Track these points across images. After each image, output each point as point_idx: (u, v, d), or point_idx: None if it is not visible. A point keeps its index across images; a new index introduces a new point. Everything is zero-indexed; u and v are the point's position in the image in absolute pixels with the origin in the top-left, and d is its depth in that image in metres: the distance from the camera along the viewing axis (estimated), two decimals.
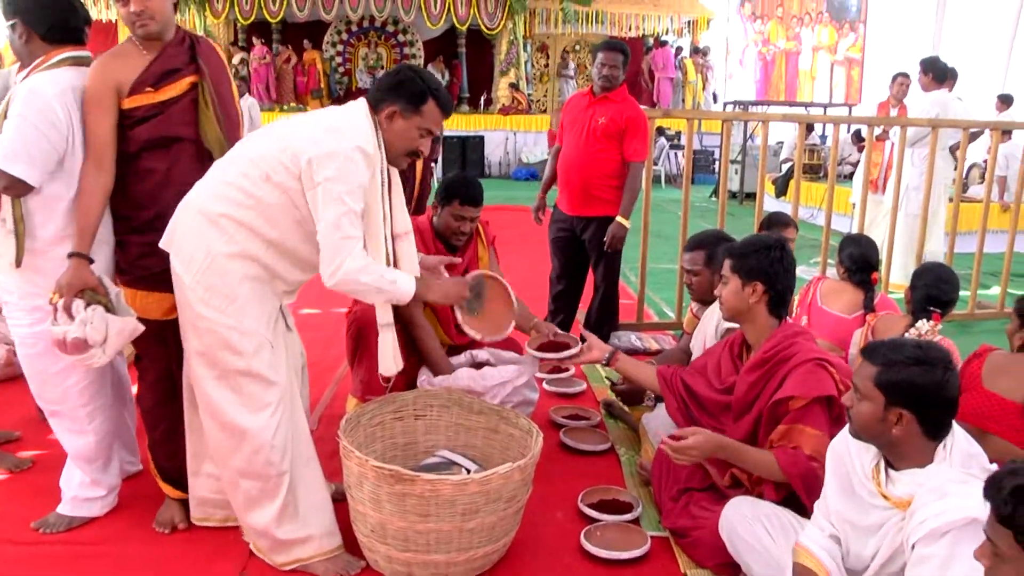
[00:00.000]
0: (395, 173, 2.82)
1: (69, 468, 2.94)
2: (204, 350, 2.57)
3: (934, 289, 3.28)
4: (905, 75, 8.01)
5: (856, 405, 2.11)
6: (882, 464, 2.14)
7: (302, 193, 2.50)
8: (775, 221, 4.52)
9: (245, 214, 2.52)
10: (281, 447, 2.62)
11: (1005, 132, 8.53)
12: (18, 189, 2.52)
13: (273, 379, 2.60)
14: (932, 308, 3.24)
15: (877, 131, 7.22)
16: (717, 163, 15.22)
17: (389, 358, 2.83)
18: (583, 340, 3.26)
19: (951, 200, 7.87)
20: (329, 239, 2.48)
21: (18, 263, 2.60)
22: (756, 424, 2.74)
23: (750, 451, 2.66)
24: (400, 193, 2.86)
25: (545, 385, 4.34)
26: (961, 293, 3.56)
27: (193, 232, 2.53)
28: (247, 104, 10.91)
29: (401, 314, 3.33)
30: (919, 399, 2.01)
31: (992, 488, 1.58)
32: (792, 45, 20.28)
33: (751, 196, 12.70)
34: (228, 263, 2.51)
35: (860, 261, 3.83)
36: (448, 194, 3.60)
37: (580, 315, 5.16)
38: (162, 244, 2.59)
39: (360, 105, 2.65)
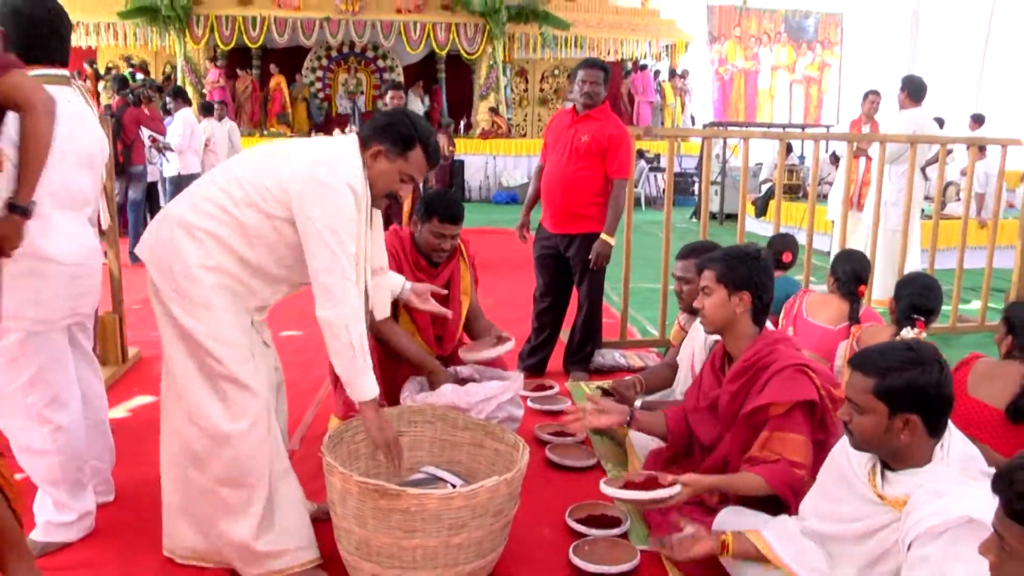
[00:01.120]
0: (376, 212, 2.82)
1: (41, 492, 2.86)
2: (188, 356, 2.55)
3: (918, 297, 3.31)
4: (875, 92, 8.14)
5: (856, 419, 2.08)
6: (878, 466, 2.13)
7: (286, 221, 2.51)
8: (779, 242, 4.58)
9: (222, 230, 2.52)
10: (262, 458, 2.59)
11: (981, 149, 8.63)
12: None
13: (256, 388, 2.58)
14: (916, 316, 3.26)
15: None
16: (696, 185, 15.32)
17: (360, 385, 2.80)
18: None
19: (926, 217, 7.97)
20: (328, 275, 2.49)
21: None
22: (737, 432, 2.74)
23: (735, 479, 2.65)
24: (380, 230, 2.88)
25: (530, 403, 4.30)
26: (943, 307, 3.58)
27: (169, 241, 2.53)
28: (227, 128, 10.91)
29: (379, 331, 3.31)
30: (923, 400, 2.00)
31: (1003, 481, 1.55)
32: (750, 65, 20.38)
33: (731, 217, 12.76)
34: (202, 274, 2.51)
35: (851, 274, 3.88)
36: (428, 211, 3.58)
37: (564, 334, 5.13)
38: (138, 252, 2.60)
39: (351, 140, 2.66)
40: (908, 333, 3.19)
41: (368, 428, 2.71)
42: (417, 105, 16.79)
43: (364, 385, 2.61)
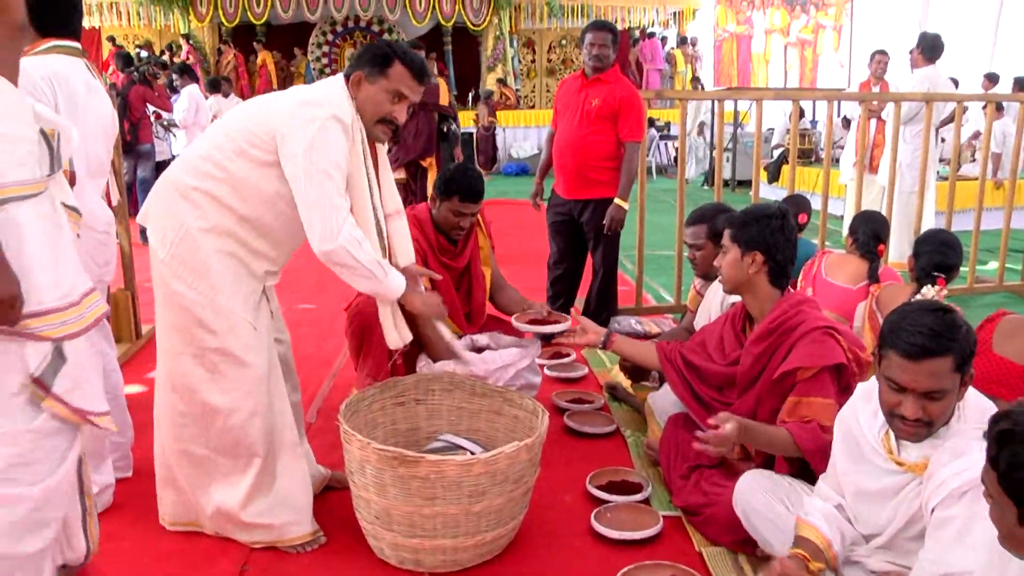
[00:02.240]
0: (382, 151, 2.78)
1: None
2: (179, 326, 2.53)
3: (938, 255, 3.26)
4: (883, 52, 8.04)
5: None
6: (891, 432, 2.08)
7: (276, 166, 2.48)
8: (792, 203, 4.49)
9: (217, 188, 2.49)
10: (257, 431, 2.58)
11: (998, 108, 8.52)
12: None
13: (248, 360, 2.55)
14: (936, 273, 3.21)
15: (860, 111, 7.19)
16: (708, 152, 15.20)
17: (392, 331, 2.79)
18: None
19: (941, 179, 7.87)
20: (317, 208, 2.44)
21: None
22: (765, 395, 2.68)
23: (767, 429, 2.56)
24: (388, 171, 2.83)
25: (547, 370, 4.27)
26: (961, 268, 3.53)
27: (166, 206, 2.52)
28: (233, 104, 10.85)
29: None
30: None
31: (988, 430, 1.55)
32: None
33: (743, 184, 12.65)
34: (201, 237, 2.48)
35: (871, 234, 3.83)
36: (448, 189, 3.51)
37: (579, 301, 5.09)
38: (139, 219, 2.60)
39: (336, 79, 2.64)
40: (929, 291, 3.13)
41: (414, 308, 2.76)
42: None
43: (390, 288, 2.63)
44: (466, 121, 15.15)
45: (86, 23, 15.41)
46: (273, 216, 2.55)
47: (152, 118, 8.98)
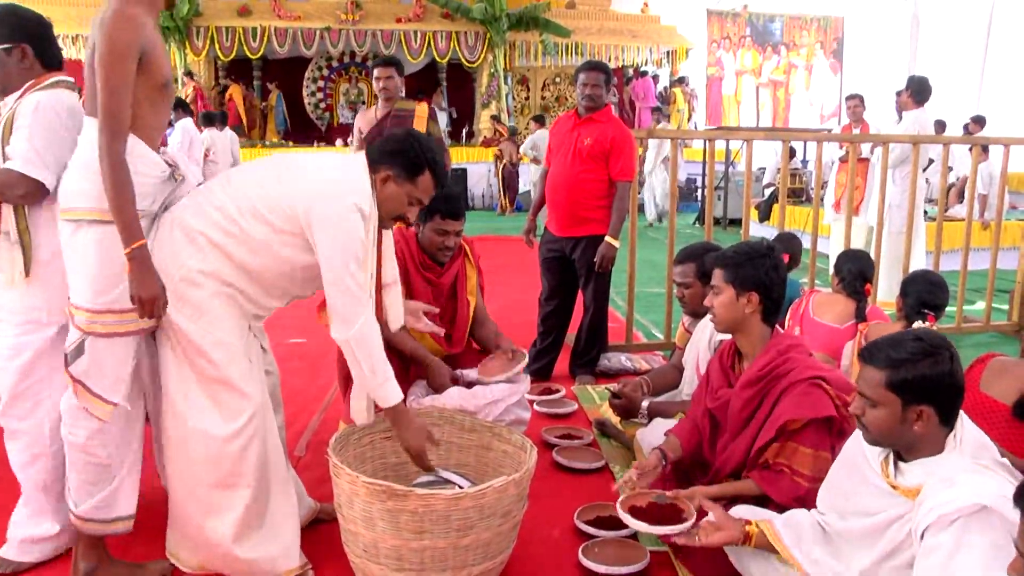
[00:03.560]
0: (387, 231, 2.86)
1: (20, 508, 2.78)
2: (179, 355, 2.56)
3: (926, 293, 3.32)
4: (854, 96, 8.23)
5: (869, 413, 2.06)
6: (891, 456, 2.11)
7: (292, 235, 2.53)
8: (782, 242, 4.56)
9: (224, 240, 2.53)
10: (251, 462, 2.58)
11: (984, 150, 8.63)
12: (36, 196, 2.54)
13: (247, 391, 2.57)
14: (926, 311, 3.26)
15: (841, 154, 7.29)
16: (700, 191, 15.30)
17: (362, 409, 2.81)
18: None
19: (929, 219, 7.95)
20: (338, 296, 2.52)
21: (27, 272, 2.58)
22: (753, 442, 2.71)
23: (738, 486, 2.69)
24: (390, 244, 2.88)
25: (536, 406, 4.28)
26: (948, 308, 3.58)
27: (169, 244, 2.54)
28: (228, 136, 10.91)
29: (388, 338, 3.29)
30: (936, 391, 1.98)
31: (1016, 495, 1.51)
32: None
33: (734, 222, 12.74)
34: (199, 278, 2.52)
35: (856, 273, 3.87)
36: (429, 210, 3.53)
37: (570, 337, 5.12)
38: None
39: (360, 161, 2.67)
40: (920, 326, 3.18)
41: (397, 433, 2.74)
42: (442, 118, 16.70)
43: (386, 394, 2.64)
44: (458, 158, 15.28)
45: (84, 56, 15.55)
46: (277, 275, 2.60)
47: None
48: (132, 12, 2.42)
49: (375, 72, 5.22)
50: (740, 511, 2.54)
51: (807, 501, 2.48)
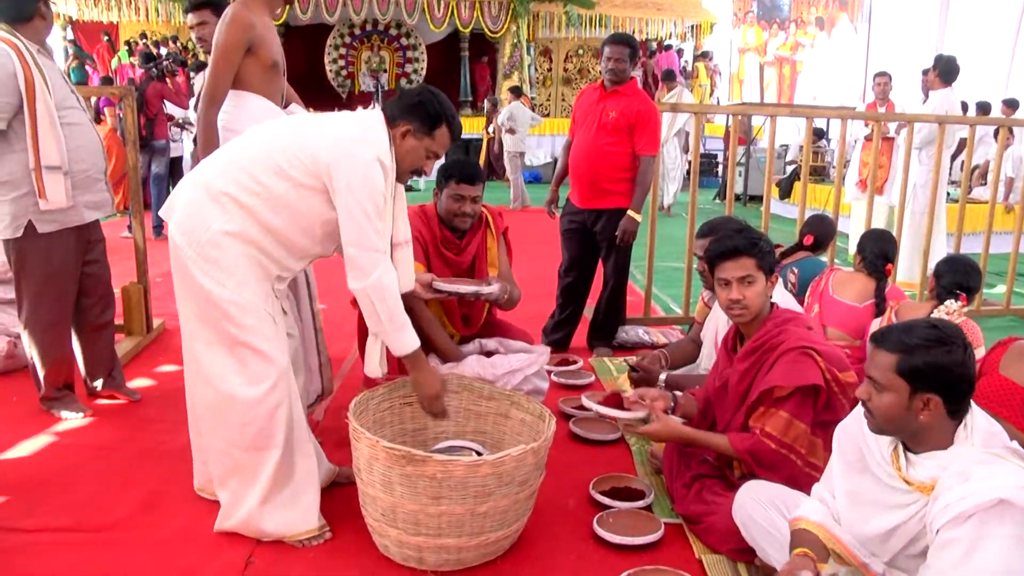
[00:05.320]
0: (399, 185, 2.86)
1: None
2: (206, 318, 2.59)
3: (961, 276, 3.36)
4: (883, 74, 8.11)
5: (875, 398, 2.01)
6: (900, 448, 2.08)
7: (314, 191, 2.57)
8: (813, 224, 4.56)
9: (248, 198, 2.56)
10: (279, 424, 2.62)
11: (1012, 133, 8.54)
12: None
13: (272, 354, 2.61)
14: (959, 291, 3.28)
15: (867, 132, 7.21)
16: (720, 167, 15.22)
17: (375, 362, 2.83)
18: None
19: (952, 201, 7.89)
20: (356, 247, 2.57)
21: None
22: (746, 410, 2.74)
23: (708, 436, 2.77)
24: (403, 201, 2.90)
25: (553, 377, 4.30)
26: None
27: (194, 205, 2.58)
28: None
29: (406, 307, 3.30)
30: (945, 380, 1.94)
31: None
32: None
33: (755, 199, 12.67)
34: (227, 240, 2.55)
35: (879, 253, 3.86)
36: (445, 176, 3.56)
37: (588, 310, 5.12)
38: (161, 213, 2.66)
39: (377, 117, 2.70)
40: (952, 304, 3.20)
41: (413, 383, 2.82)
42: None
43: (403, 341, 2.69)
44: (478, 128, 15.21)
45: (105, 17, 15.55)
46: (299, 231, 2.64)
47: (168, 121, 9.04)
48: (243, 14, 3.12)
49: (188, 19, 4.86)
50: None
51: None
